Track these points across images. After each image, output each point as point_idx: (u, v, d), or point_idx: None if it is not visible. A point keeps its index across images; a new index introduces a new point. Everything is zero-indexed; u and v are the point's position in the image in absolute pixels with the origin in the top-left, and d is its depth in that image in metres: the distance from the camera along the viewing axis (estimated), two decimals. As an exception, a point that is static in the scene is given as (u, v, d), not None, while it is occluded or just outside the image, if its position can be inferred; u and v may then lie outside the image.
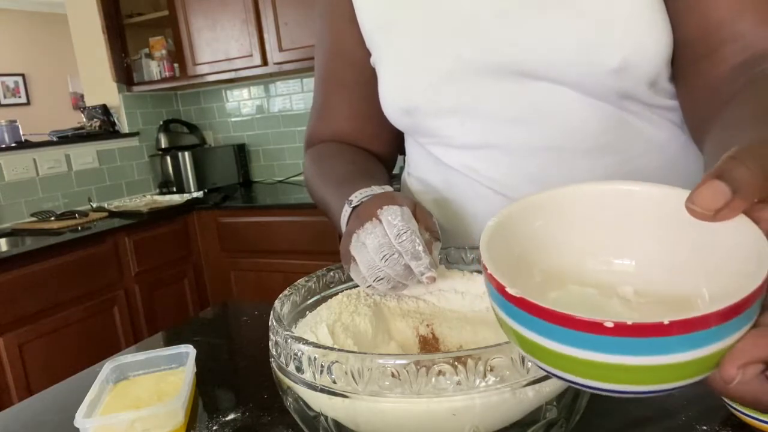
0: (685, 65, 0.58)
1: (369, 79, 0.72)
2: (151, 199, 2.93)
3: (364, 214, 0.53)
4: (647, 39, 0.55)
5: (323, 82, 0.78)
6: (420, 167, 0.75)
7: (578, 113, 0.59)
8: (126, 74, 3.04)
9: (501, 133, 0.62)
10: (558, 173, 0.60)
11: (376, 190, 0.58)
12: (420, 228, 0.51)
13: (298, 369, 0.41)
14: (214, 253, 2.71)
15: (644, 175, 0.61)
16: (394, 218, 0.50)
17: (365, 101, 0.75)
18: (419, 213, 0.53)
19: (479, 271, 0.59)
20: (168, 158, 2.94)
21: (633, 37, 0.55)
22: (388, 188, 0.60)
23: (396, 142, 0.80)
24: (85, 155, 2.85)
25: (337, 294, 0.58)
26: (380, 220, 0.51)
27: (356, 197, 0.58)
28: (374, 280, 0.51)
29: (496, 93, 0.61)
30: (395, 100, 0.67)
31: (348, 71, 0.75)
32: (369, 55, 0.72)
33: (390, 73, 0.67)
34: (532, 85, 0.59)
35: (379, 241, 0.50)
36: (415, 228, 0.50)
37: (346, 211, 0.59)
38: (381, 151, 0.79)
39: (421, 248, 0.49)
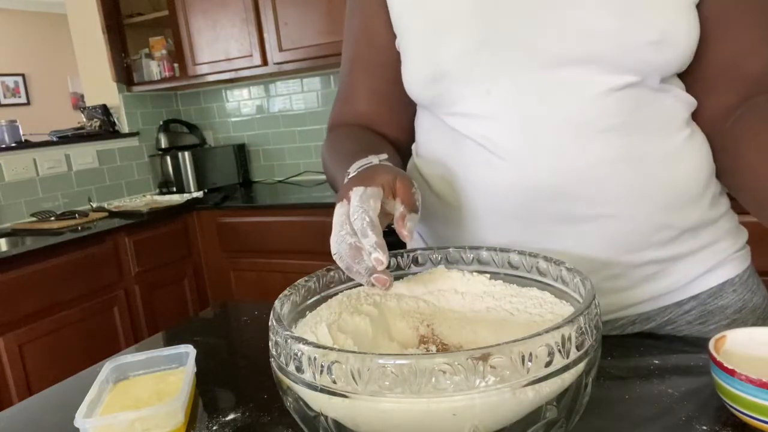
0: (705, 88, 0.67)
1: (392, 62, 0.76)
2: (151, 199, 2.93)
3: (342, 193, 0.57)
4: (680, 19, 0.61)
5: (350, 64, 0.82)
6: (431, 141, 0.76)
7: (599, 93, 0.62)
8: (126, 74, 3.04)
9: (524, 105, 0.64)
10: (573, 149, 0.62)
11: (373, 160, 0.63)
12: (396, 201, 0.56)
13: (298, 369, 0.41)
14: (214, 253, 2.71)
15: (649, 160, 0.63)
16: (354, 198, 0.54)
17: (386, 83, 0.78)
18: (399, 185, 0.57)
19: (479, 271, 0.59)
20: (168, 158, 2.94)
21: (668, 14, 0.60)
22: (384, 157, 0.64)
23: (412, 129, 0.82)
24: (85, 155, 2.85)
25: (337, 294, 0.58)
26: (349, 200, 0.55)
27: (353, 168, 0.62)
28: (333, 254, 0.55)
29: (527, 66, 0.63)
30: (424, 68, 0.69)
31: (373, 52, 0.79)
32: (394, 39, 0.75)
33: (420, 42, 0.69)
34: (564, 62, 0.62)
35: (337, 219, 0.55)
36: (370, 207, 0.53)
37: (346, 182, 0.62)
38: (397, 137, 0.82)
39: (368, 226, 0.52)
